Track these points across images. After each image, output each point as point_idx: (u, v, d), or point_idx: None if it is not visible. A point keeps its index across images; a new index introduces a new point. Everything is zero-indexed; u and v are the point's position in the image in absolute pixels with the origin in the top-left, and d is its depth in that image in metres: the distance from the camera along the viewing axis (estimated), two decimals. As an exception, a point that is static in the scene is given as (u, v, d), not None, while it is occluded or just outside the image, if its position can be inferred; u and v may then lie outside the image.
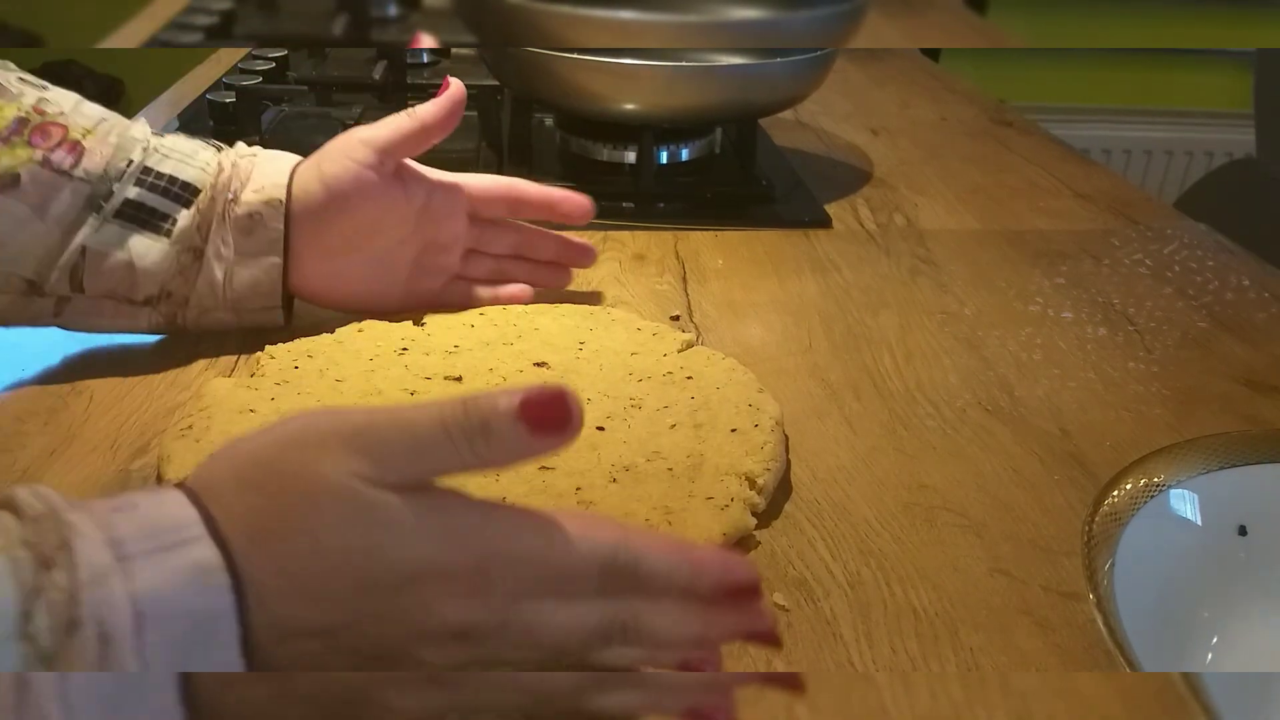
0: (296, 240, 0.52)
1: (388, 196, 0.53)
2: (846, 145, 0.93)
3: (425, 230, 0.56)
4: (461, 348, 0.52)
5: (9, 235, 0.48)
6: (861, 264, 0.69)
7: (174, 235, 0.50)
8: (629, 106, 0.72)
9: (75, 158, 0.48)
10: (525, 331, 0.53)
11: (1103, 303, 0.64)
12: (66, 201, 0.48)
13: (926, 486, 0.46)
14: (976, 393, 0.54)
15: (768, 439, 0.45)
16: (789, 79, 0.76)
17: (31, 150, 0.48)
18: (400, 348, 0.51)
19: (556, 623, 0.29)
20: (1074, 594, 0.40)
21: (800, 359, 0.56)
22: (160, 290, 0.51)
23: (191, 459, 0.42)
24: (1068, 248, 0.72)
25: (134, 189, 0.49)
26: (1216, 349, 0.59)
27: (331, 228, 0.52)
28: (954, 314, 0.62)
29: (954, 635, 0.38)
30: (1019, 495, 0.46)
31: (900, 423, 0.51)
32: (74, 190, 0.48)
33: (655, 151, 0.77)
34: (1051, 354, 0.58)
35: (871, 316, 0.61)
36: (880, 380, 0.55)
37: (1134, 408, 0.53)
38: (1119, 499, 0.45)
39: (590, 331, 0.54)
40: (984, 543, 0.43)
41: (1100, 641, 0.38)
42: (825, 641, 0.37)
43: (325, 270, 0.54)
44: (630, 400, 0.48)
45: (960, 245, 0.72)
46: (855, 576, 0.40)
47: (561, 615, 0.29)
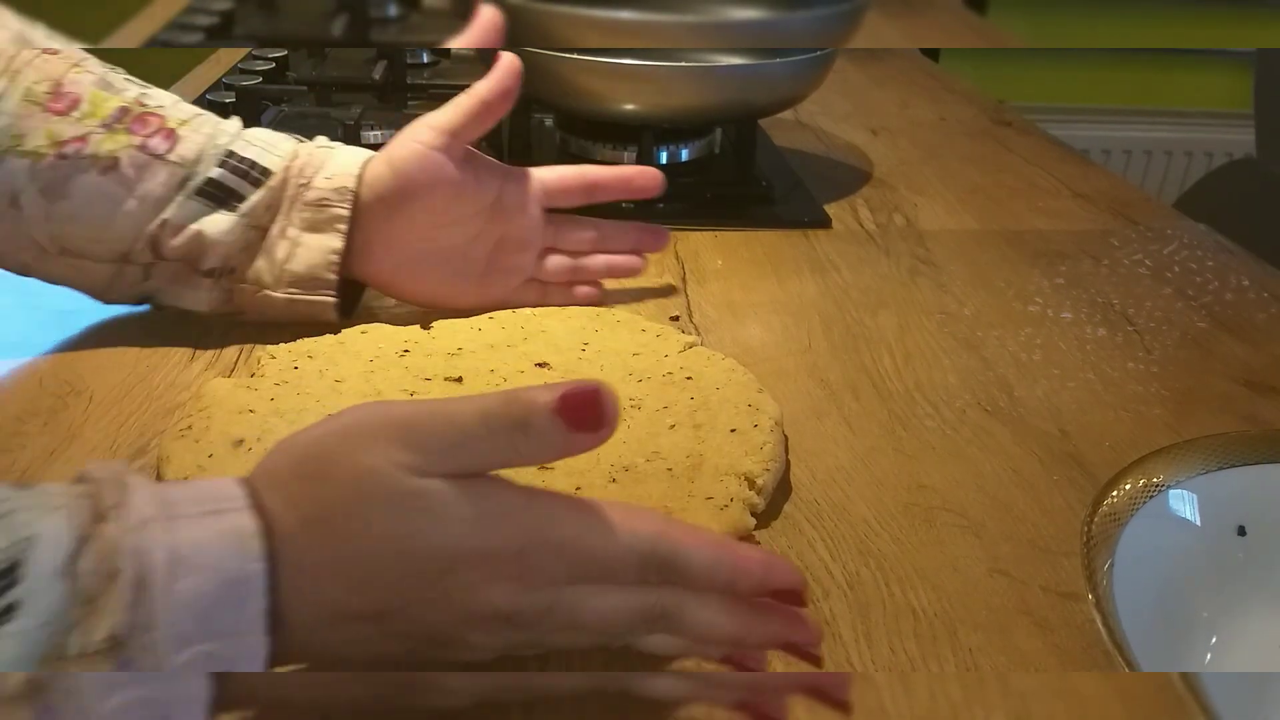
0: (366, 228, 0.53)
1: (457, 181, 0.54)
2: (846, 145, 0.93)
3: (499, 224, 0.56)
4: (465, 350, 0.51)
5: (108, 213, 0.51)
6: (861, 264, 0.69)
7: (241, 210, 0.52)
8: (629, 106, 0.72)
9: (170, 144, 0.51)
10: (532, 333, 0.53)
11: (1102, 303, 0.64)
12: (160, 182, 0.51)
13: (926, 487, 0.46)
14: (976, 393, 0.54)
15: (767, 439, 0.45)
16: (789, 79, 0.76)
17: (130, 136, 0.51)
18: (402, 349, 0.51)
19: (598, 607, 0.30)
20: (1073, 594, 0.40)
21: (799, 359, 0.56)
22: (223, 264, 0.52)
23: (191, 459, 0.42)
24: (1067, 248, 0.72)
25: (216, 169, 0.52)
26: (1216, 349, 0.59)
27: (401, 213, 0.53)
28: (953, 314, 0.62)
29: (953, 635, 0.38)
30: (1018, 496, 0.46)
31: (899, 423, 0.51)
32: (168, 172, 0.51)
33: (655, 151, 0.77)
34: (1051, 354, 0.58)
35: (871, 317, 0.62)
36: (879, 380, 0.55)
37: (1133, 408, 0.53)
38: (1118, 499, 0.45)
39: (595, 333, 0.54)
40: (983, 543, 0.43)
41: (1099, 642, 0.38)
42: (825, 642, 0.37)
43: (396, 260, 0.55)
44: (630, 400, 0.48)
45: (959, 245, 0.72)
46: (854, 577, 0.40)
47: (603, 600, 0.30)
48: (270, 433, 0.44)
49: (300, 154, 0.53)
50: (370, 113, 0.85)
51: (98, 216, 0.51)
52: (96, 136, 0.50)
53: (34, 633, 0.25)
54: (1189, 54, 1.89)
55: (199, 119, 0.53)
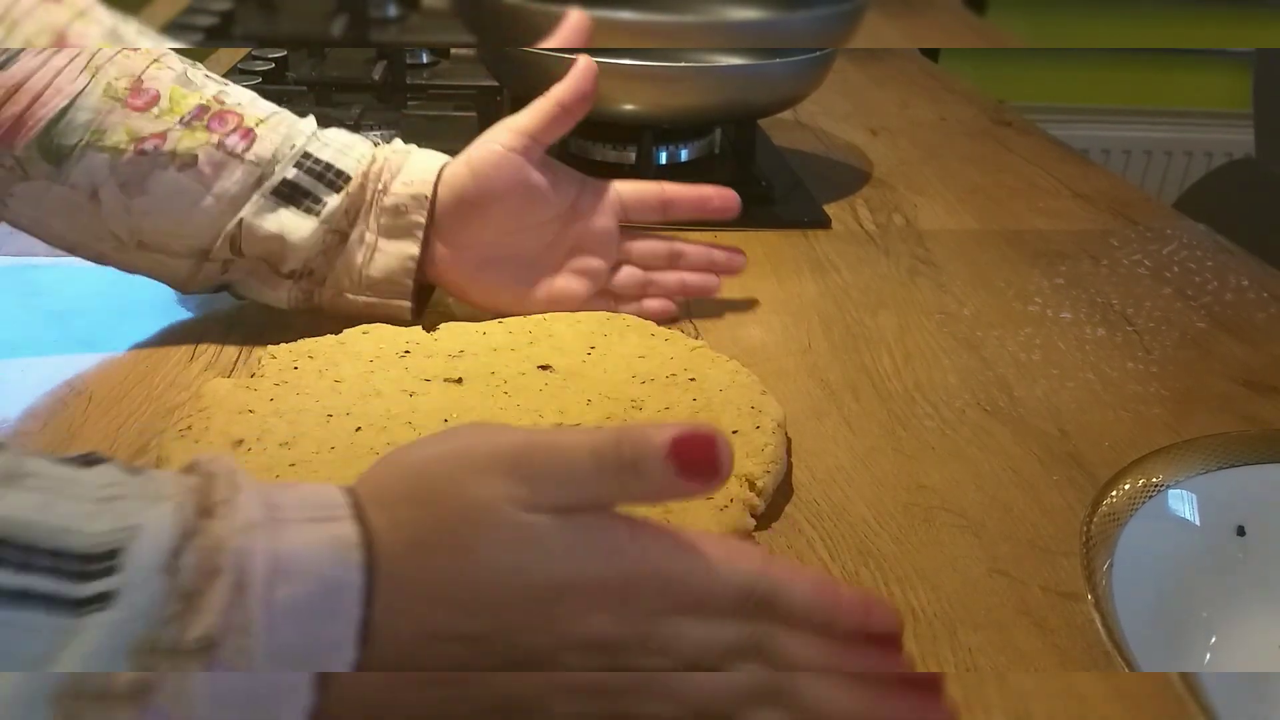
0: (444, 232, 0.54)
1: (534, 185, 0.54)
2: (846, 145, 0.93)
3: (573, 232, 0.57)
4: (467, 352, 0.51)
5: (185, 209, 0.51)
6: (860, 264, 0.69)
7: (322, 215, 0.52)
8: (629, 106, 0.72)
9: (247, 143, 0.52)
10: (538, 337, 0.53)
11: (1102, 303, 0.64)
12: (237, 181, 0.51)
13: (925, 487, 0.46)
14: (975, 393, 0.54)
15: (769, 441, 0.45)
16: (789, 79, 0.76)
17: (209, 134, 0.51)
18: (403, 350, 0.51)
19: (694, 638, 0.30)
20: (1072, 594, 0.40)
21: (799, 359, 0.56)
22: (303, 266, 0.53)
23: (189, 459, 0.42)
24: (1067, 248, 0.72)
25: (292, 170, 0.52)
26: (1215, 349, 0.59)
27: (478, 216, 0.54)
28: (953, 314, 0.62)
29: (952, 635, 0.38)
30: (1018, 495, 0.46)
31: (899, 423, 0.51)
32: (245, 171, 0.52)
33: (655, 152, 0.77)
34: (1050, 354, 0.58)
35: (870, 317, 0.62)
36: (879, 381, 0.55)
37: (1133, 408, 0.53)
38: (1117, 499, 0.45)
39: (604, 338, 0.53)
40: (982, 543, 0.43)
41: (1099, 642, 0.38)
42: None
43: (471, 264, 0.55)
44: (632, 402, 0.48)
45: (959, 245, 0.72)
46: (854, 577, 0.40)
47: (699, 632, 0.30)
48: (270, 433, 0.44)
49: (377, 158, 0.54)
50: (370, 113, 0.85)
51: (175, 212, 0.51)
52: (175, 133, 0.51)
53: (126, 624, 0.25)
54: (1189, 54, 1.89)
55: (275, 117, 0.54)
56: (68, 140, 0.50)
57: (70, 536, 0.26)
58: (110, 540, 0.26)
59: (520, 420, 0.46)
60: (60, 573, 0.25)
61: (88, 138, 0.50)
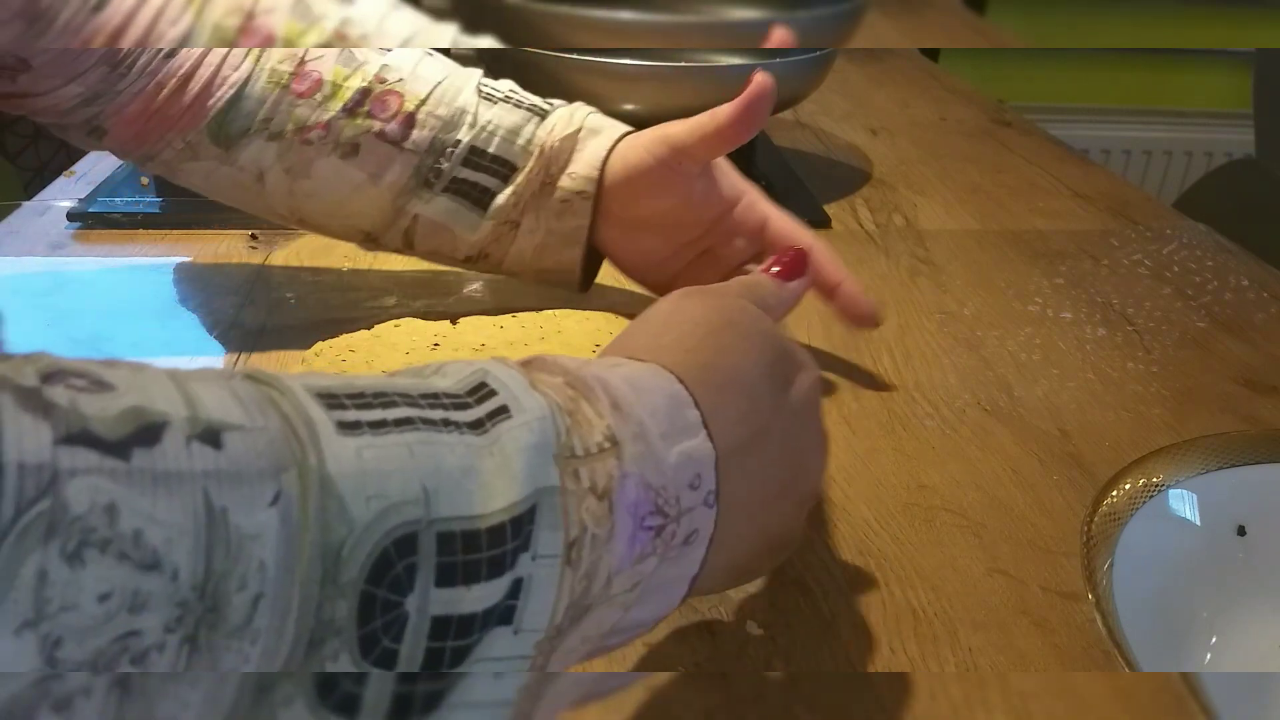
0: (605, 214, 0.54)
1: (681, 194, 0.53)
2: (846, 145, 0.93)
3: (715, 235, 0.55)
4: (488, 346, 0.53)
5: (348, 197, 0.53)
6: (860, 264, 0.69)
7: (491, 210, 0.53)
8: (629, 107, 0.72)
9: (407, 130, 0.52)
10: (549, 333, 0.55)
11: (1102, 303, 0.64)
12: (396, 170, 0.52)
13: (925, 487, 0.46)
14: (975, 393, 0.54)
15: None
16: (789, 79, 0.76)
17: (370, 121, 0.52)
18: (433, 343, 0.53)
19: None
20: (1073, 594, 0.40)
21: (799, 359, 0.56)
22: (478, 252, 0.55)
23: None
24: (1067, 248, 0.72)
25: (463, 169, 0.53)
26: (1215, 349, 0.59)
27: (629, 209, 0.54)
28: (953, 314, 0.62)
29: (953, 635, 0.38)
30: (1018, 495, 0.46)
31: (899, 423, 0.51)
32: (403, 161, 0.52)
33: (655, 152, 0.77)
34: (1050, 354, 0.58)
35: (871, 317, 0.61)
36: (879, 381, 0.55)
37: (1133, 408, 0.53)
38: (1118, 499, 0.45)
39: (610, 335, 0.54)
40: (983, 543, 0.43)
41: (1099, 641, 0.38)
42: (824, 641, 0.37)
43: (627, 244, 0.56)
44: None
45: (959, 245, 0.72)
46: (854, 577, 0.40)
47: None
48: None
49: (545, 148, 0.53)
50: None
51: (337, 197, 0.53)
52: (339, 122, 0.52)
53: (534, 424, 0.25)
54: (1189, 54, 1.89)
55: (438, 91, 0.53)
56: (236, 127, 0.51)
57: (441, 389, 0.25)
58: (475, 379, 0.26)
59: None
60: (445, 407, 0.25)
61: (255, 125, 0.51)
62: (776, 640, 0.37)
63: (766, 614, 0.38)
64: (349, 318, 0.58)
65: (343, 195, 0.53)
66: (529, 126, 0.53)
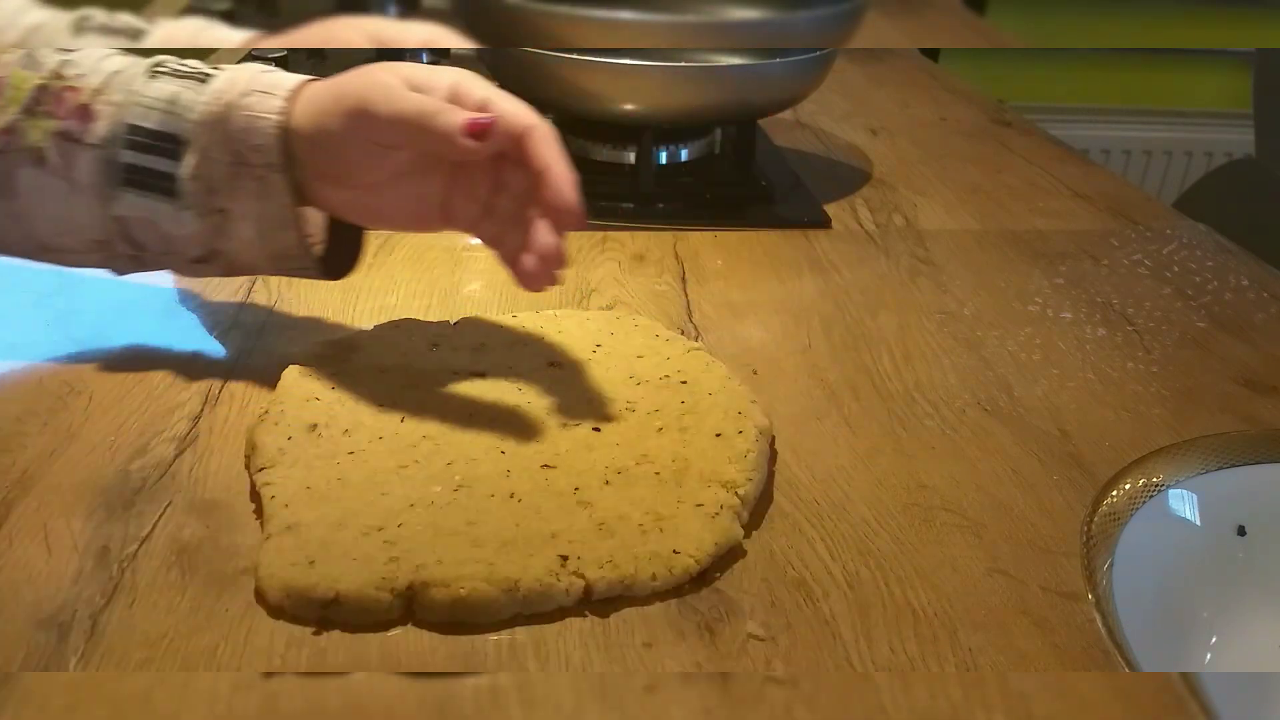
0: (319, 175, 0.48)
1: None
2: (846, 145, 0.93)
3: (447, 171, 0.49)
4: (487, 345, 0.53)
5: (56, 208, 0.48)
6: (860, 264, 0.69)
7: (182, 198, 0.47)
8: (628, 107, 0.72)
9: (85, 123, 0.47)
10: (549, 333, 0.55)
11: (1102, 303, 0.64)
12: (89, 171, 0.47)
13: (925, 487, 0.46)
14: (975, 393, 0.54)
15: (750, 448, 0.45)
16: (789, 79, 0.76)
17: (51, 120, 0.47)
18: (432, 343, 0.53)
19: None
20: (1073, 594, 0.40)
21: (799, 359, 0.56)
22: (207, 250, 0.49)
23: (272, 441, 0.45)
24: (1067, 248, 0.72)
25: (130, 153, 0.47)
26: (1215, 349, 0.59)
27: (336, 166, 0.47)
28: (953, 314, 0.62)
29: (953, 635, 0.38)
30: (1018, 495, 0.46)
31: (899, 423, 0.51)
32: (92, 157, 0.47)
33: (654, 152, 0.77)
34: (1050, 354, 0.58)
35: (870, 317, 0.62)
36: (879, 380, 0.55)
37: (1133, 408, 0.53)
38: (1118, 499, 0.45)
39: (610, 336, 0.55)
40: (983, 543, 0.43)
41: (1099, 641, 0.38)
42: (824, 641, 0.37)
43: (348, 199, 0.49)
44: (626, 403, 0.49)
45: (959, 245, 0.72)
46: (854, 576, 0.40)
47: None
48: (335, 420, 0.47)
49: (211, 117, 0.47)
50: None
51: (51, 212, 0.48)
52: (22, 125, 0.47)
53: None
54: (1189, 54, 1.89)
55: (116, 79, 0.48)
56: None
57: None
58: None
59: (528, 417, 0.48)
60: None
61: None
62: (776, 640, 0.37)
63: (766, 614, 0.38)
64: (349, 318, 0.58)
65: (55, 210, 0.47)
66: (187, 94, 0.47)
